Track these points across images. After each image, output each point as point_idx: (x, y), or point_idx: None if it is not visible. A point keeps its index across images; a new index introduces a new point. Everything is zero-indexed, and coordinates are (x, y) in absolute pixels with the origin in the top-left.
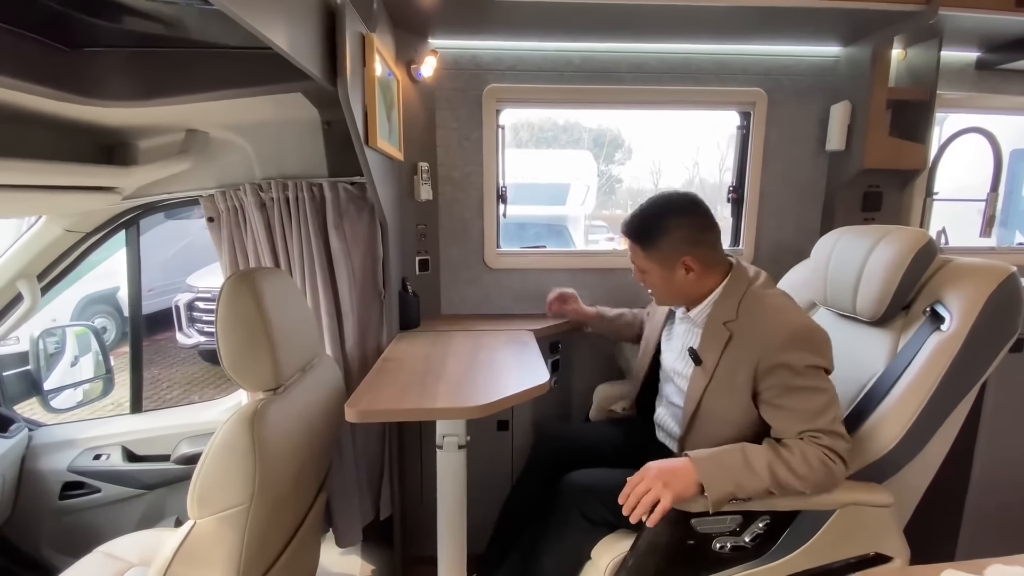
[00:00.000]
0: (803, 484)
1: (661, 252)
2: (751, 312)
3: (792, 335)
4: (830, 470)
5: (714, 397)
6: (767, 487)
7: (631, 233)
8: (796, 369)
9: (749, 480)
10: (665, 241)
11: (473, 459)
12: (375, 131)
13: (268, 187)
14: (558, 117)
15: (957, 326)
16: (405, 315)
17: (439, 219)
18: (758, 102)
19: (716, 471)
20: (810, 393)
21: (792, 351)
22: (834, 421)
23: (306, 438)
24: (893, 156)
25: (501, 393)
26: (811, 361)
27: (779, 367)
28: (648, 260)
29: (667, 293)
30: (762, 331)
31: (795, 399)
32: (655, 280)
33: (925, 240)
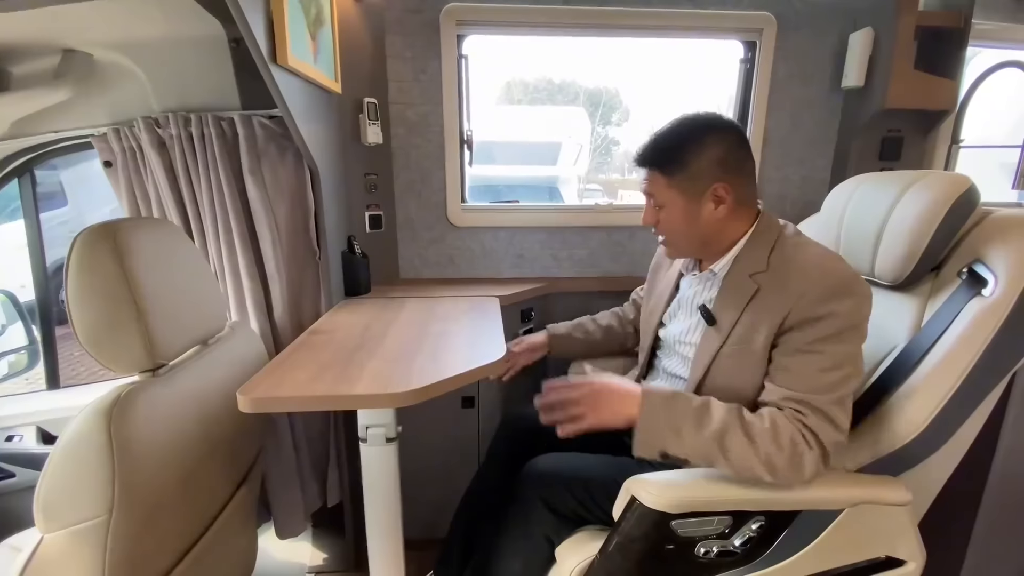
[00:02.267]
0: (759, 463)
1: (689, 176)
2: (787, 261)
3: (838, 285)
4: (799, 455)
5: (726, 364)
6: (709, 451)
7: (650, 156)
8: (827, 325)
9: (691, 435)
10: (696, 161)
11: (437, 438)
12: (285, 44)
13: (166, 122)
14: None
15: (1004, 290)
16: (351, 279)
17: (393, 167)
18: (766, 29)
19: (658, 413)
20: (831, 364)
21: (835, 302)
22: (837, 404)
23: (205, 428)
24: (919, 94)
25: (441, 374)
26: (848, 320)
27: (811, 321)
28: (671, 189)
29: (686, 237)
30: (801, 280)
31: (805, 361)
32: (675, 218)
33: (966, 185)
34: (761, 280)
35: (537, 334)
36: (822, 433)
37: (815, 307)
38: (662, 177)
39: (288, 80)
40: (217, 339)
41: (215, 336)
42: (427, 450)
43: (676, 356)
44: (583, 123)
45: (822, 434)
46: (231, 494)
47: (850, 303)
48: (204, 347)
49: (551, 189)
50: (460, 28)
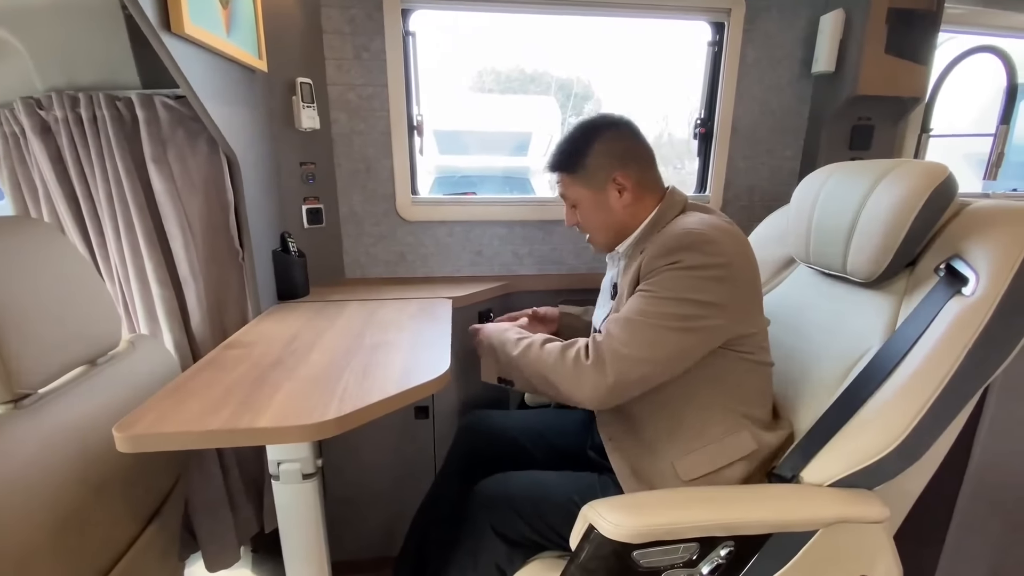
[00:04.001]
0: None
1: (589, 172)
2: (663, 230)
3: (684, 238)
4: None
5: None
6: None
7: (555, 162)
8: (666, 271)
9: (503, 351)
10: (592, 159)
11: (388, 452)
12: (180, 9)
13: (50, 103)
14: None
15: (986, 288)
16: (286, 281)
17: (334, 156)
18: (734, 9)
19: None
20: (651, 299)
21: (677, 253)
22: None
23: (90, 464)
24: (890, 80)
25: (367, 397)
26: (681, 276)
27: (652, 271)
28: (576, 185)
29: (603, 228)
30: (655, 243)
31: (633, 301)
32: (588, 212)
33: (944, 175)
34: (644, 248)
35: (550, 308)
36: (606, 348)
37: (654, 260)
38: (568, 177)
39: (190, 52)
40: (109, 358)
41: (106, 354)
42: (377, 465)
43: None
44: (554, 113)
45: (606, 349)
46: (137, 533)
47: (685, 255)
48: (91, 368)
49: (522, 180)
50: (405, 2)
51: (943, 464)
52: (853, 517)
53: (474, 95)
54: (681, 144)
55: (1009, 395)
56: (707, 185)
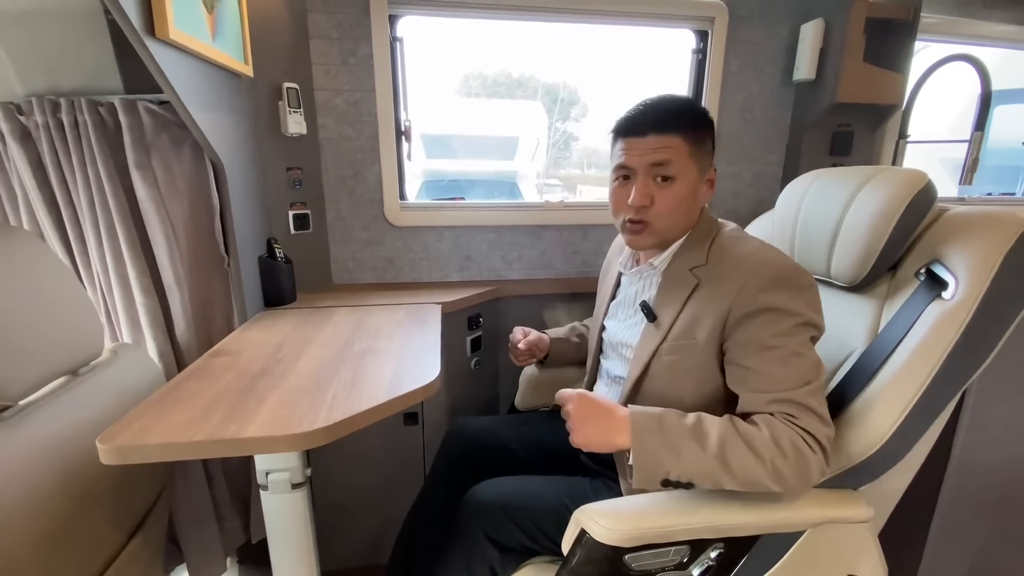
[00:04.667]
0: (766, 475)
1: (704, 150)
2: (726, 253)
3: (779, 274)
4: (805, 460)
5: (667, 361)
6: (712, 470)
7: (679, 119)
8: (779, 317)
9: (693, 455)
10: (708, 138)
11: (376, 458)
12: (165, 14)
13: (31, 108)
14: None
15: (965, 292)
16: (272, 287)
17: (321, 161)
18: (717, 18)
19: (652, 436)
20: (791, 354)
21: (779, 292)
22: (817, 395)
23: (72, 476)
24: (869, 88)
25: (357, 405)
26: (800, 310)
27: (759, 313)
28: (691, 159)
29: (676, 216)
30: (740, 271)
31: (770, 358)
32: (681, 195)
33: (924, 182)
34: (701, 274)
35: (542, 335)
36: (817, 432)
37: (757, 297)
38: (686, 145)
39: (174, 58)
40: (92, 367)
41: (88, 364)
42: (366, 472)
43: (617, 357)
44: (541, 118)
45: (818, 433)
46: (121, 544)
47: (792, 291)
48: (73, 378)
49: (510, 184)
50: (393, 8)
51: (924, 465)
52: (839, 517)
53: (461, 99)
54: None
55: (987, 396)
56: None
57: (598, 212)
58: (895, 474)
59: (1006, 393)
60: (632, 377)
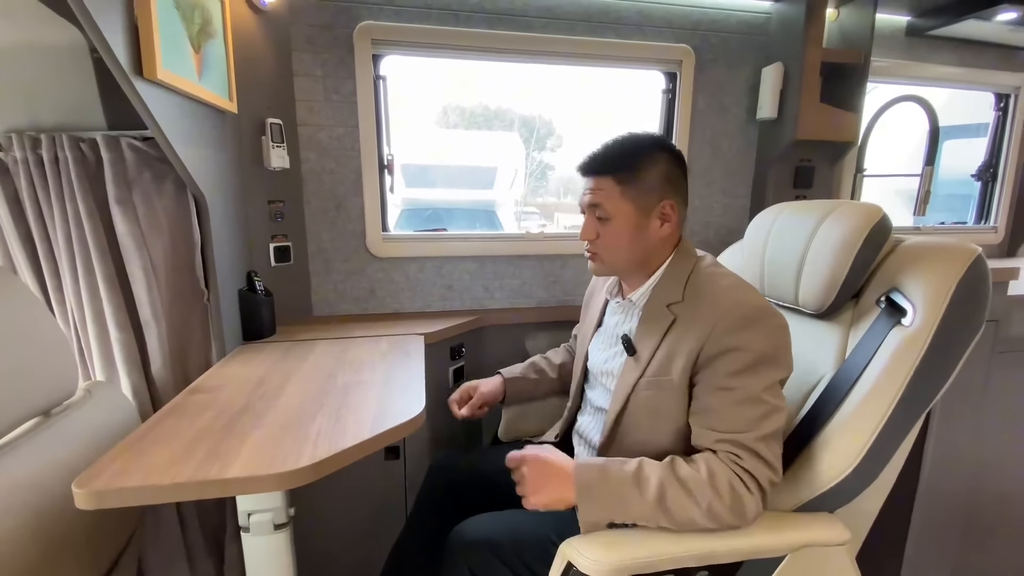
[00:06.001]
0: (701, 513)
1: (644, 187)
2: (701, 291)
3: (748, 315)
4: (740, 500)
5: (644, 396)
6: (653, 513)
7: (606, 163)
8: (742, 356)
9: (635, 502)
10: (649, 173)
11: (356, 495)
12: (153, 56)
13: (9, 144)
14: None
15: (923, 320)
16: (252, 321)
17: (304, 194)
18: (685, 61)
19: (596, 485)
20: (748, 397)
21: (745, 332)
22: (766, 442)
23: (43, 521)
24: (826, 126)
25: (342, 442)
26: (763, 349)
27: (725, 352)
28: (625, 199)
29: (626, 253)
30: (712, 310)
31: (727, 398)
32: (621, 232)
33: (879, 215)
34: (677, 311)
35: (490, 381)
36: (758, 474)
37: (726, 338)
38: (616, 186)
39: (160, 96)
40: (65, 407)
41: (61, 404)
42: (347, 508)
43: (600, 387)
44: (518, 148)
45: (758, 475)
46: None
47: (759, 334)
48: (45, 419)
49: (489, 213)
50: (376, 48)
51: (895, 485)
52: (818, 541)
53: (440, 130)
54: None
55: (949, 414)
56: None
57: (577, 242)
58: (868, 495)
59: (966, 413)
60: (613, 411)
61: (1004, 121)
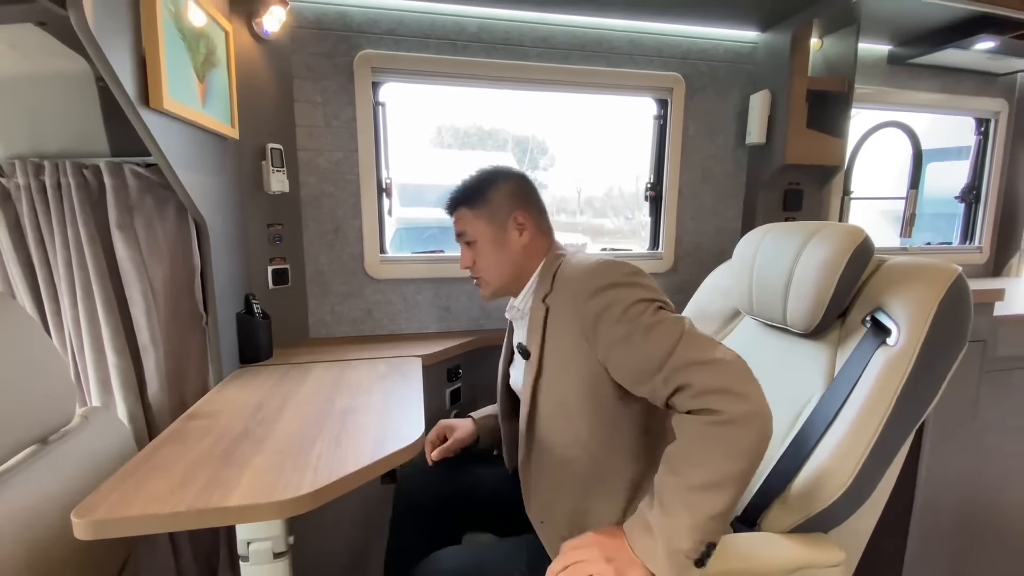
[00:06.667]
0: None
1: (492, 207)
2: (562, 277)
3: (595, 272)
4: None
5: (546, 387)
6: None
7: (455, 198)
8: (614, 308)
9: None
10: (494, 194)
11: (352, 520)
12: (160, 86)
13: (12, 171)
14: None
15: (907, 339)
16: (249, 344)
17: (302, 217)
18: (675, 88)
19: (641, 532)
20: (645, 328)
21: (602, 294)
22: (689, 346)
23: (39, 551)
24: (813, 151)
25: (343, 468)
26: (627, 296)
27: (598, 317)
28: (477, 220)
29: (499, 267)
30: (568, 289)
31: (627, 344)
32: (486, 250)
33: (861, 237)
34: (550, 301)
35: (464, 426)
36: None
37: (589, 302)
38: (469, 211)
39: (165, 124)
40: (62, 434)
41: (58, 431)
42: (342, 534)
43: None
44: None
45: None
46: None
47: (609, 278)
48: (42, 447)
49: None
50: (376, 75)
51: (891, 501)
52: (812, 563)
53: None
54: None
55: (942, 433)
56: (659, 242)
57: None
58: (862, 514)
59: (959, 432)
60: (524, 413)
61: (985, 145)
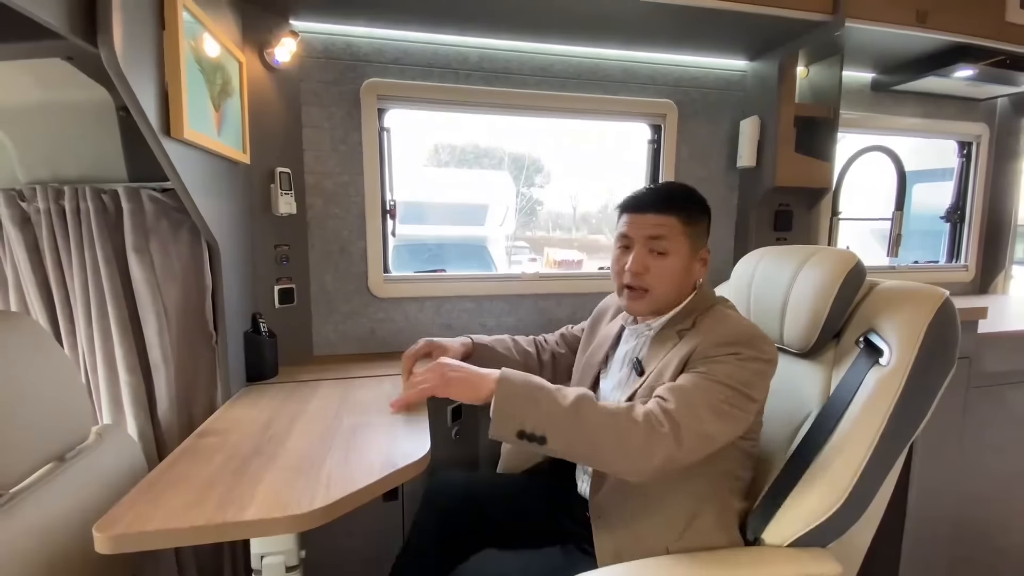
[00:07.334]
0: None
1: (698, 231)
2: (709, 320)
3: (736, 336)
4: (654, 434)
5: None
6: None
7: (675, 202)
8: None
9: (548, 404)
10: (703, 220)
11: (353, 538)
12: (181, 117)
13: (33, 195)
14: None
15: (898, 359)
16: (255, 362)
17: (309, 238)
18: (668, 114)
19: (515, 385)
20: (708, 378)
21: (737, 347)
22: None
23: (56, 567)
24: (802, 174)
25: (354, 482)
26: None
27: (712, 357)
28: (686, 237)
29: (670, 287)
30: (711, 329)
31: (690, 377)
32: (674, 268)
33: (854, 261)
34: (684, 335)
35: (455, 347)
36: (682, 419)
37: (714, 348)
38: (681, 224)
39: (184, 152)
40: (78, 452)
41: (75, 448)
42: (345, 552)
43: None
44: (509, 186)
45: (682, 420)
46: None
47: (745, 349)
48: (59, 464)
49: (481, 248)
50: (381, 102)
51: (885, 516)
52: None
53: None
54: None
55: (930, 449)
56: None
57: (571, 281)
58: (859, 529)
59: (947, 447)
60: None
61: (968, 167)
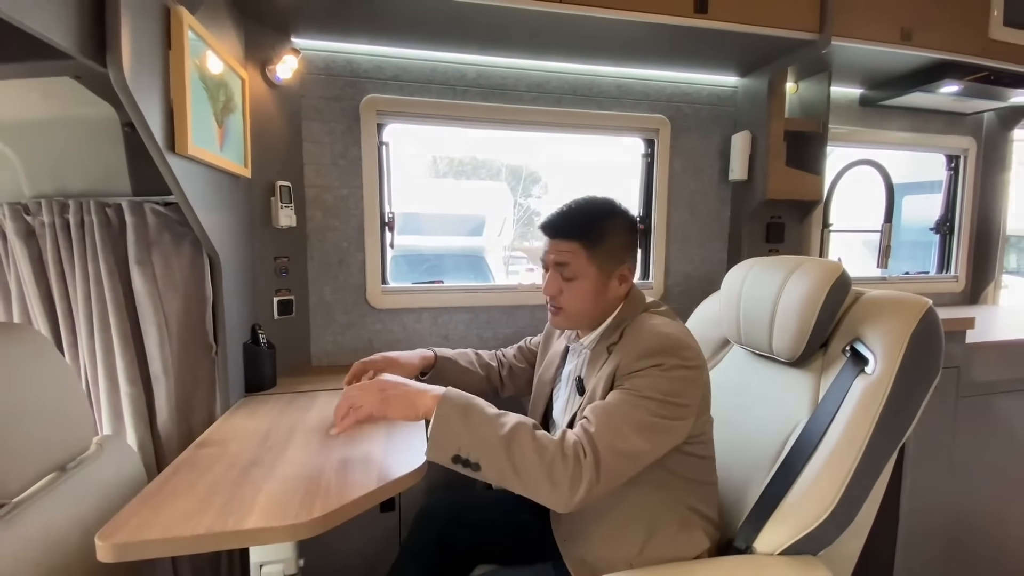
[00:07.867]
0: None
1: (606, 254)
2: (634, 331)
3: (660, 344)
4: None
5: None
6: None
7: (575, 230)
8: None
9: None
10: (612, 240)
11: (351, 549)
12: (186, 134)
13: (38, 209)
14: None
15: (883, 368)
16: (254, 373)
17: (308, 250)
18: (661, 129)
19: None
20: (632, 394)
21: (656, 357)
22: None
23: (61, 573)
24: (793, 187)
25: (351, 491)
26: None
27: (634, 372)
28: (590, 262)
29: (587, 309)
30: (634, 342)
31: (614, 394)
32: (584, 291)
33: (839, 272)
34: (613, 349)
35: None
36: (602, 443)
37: (634, 362)
38: (583, 250)
39: (187, 168)
40: (79, 462)
41: (76, 459)
42: (342, 563)
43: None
44: (506, 197)
45: (602, 443)
46: None
47: (665, 358)
48: (61, 474)
49: (478, 259)
50: (381, 117)
51: (876, 526)
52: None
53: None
54: None
55: (921, 458)
56: (649, 273)
57: None
58: (849, 537)
59: (937, 456)
60: None
61: (956, 180)
